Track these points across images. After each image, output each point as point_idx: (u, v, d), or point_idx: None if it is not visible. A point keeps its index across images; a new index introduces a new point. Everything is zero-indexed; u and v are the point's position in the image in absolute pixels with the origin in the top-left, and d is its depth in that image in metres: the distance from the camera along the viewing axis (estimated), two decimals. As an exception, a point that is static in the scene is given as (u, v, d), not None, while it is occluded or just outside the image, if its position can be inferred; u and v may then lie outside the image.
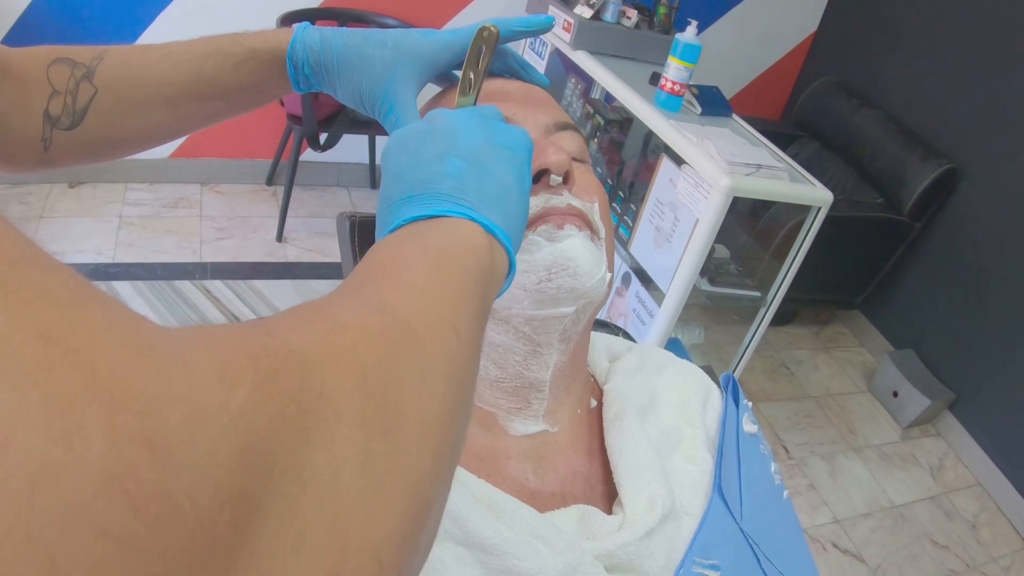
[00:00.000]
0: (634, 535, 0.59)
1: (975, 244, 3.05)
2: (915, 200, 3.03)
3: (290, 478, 0.25)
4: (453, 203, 0.46)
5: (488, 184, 0.48)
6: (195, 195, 3.25)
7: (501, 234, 0.46)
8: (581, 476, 0.67)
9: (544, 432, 0.68)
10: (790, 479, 2.67)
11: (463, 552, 0.55)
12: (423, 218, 0.45)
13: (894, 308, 3.45)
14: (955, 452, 3.05)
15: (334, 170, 3.55)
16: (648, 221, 2.20)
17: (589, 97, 2.76)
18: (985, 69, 3.06)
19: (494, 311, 0.62)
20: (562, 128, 0.70)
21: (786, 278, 2.17)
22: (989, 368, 2.96)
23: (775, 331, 3.43)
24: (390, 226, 0.45)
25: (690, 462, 0.71)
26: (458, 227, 0.45)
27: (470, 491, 0.58)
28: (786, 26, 3.97)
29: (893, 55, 3.52)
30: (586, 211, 0.64)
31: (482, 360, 0.65)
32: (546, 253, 0.60)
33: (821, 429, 2.97)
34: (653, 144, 2.34)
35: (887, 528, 2.60)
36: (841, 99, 3.54)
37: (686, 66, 2.18)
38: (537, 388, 0.66)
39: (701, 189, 1.94)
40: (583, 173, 0.68)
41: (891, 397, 3.15)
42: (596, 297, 0.63)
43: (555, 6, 2.77)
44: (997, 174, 2.98)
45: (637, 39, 2.71)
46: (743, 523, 0.68)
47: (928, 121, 3.26)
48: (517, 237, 0.49)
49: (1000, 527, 2.76)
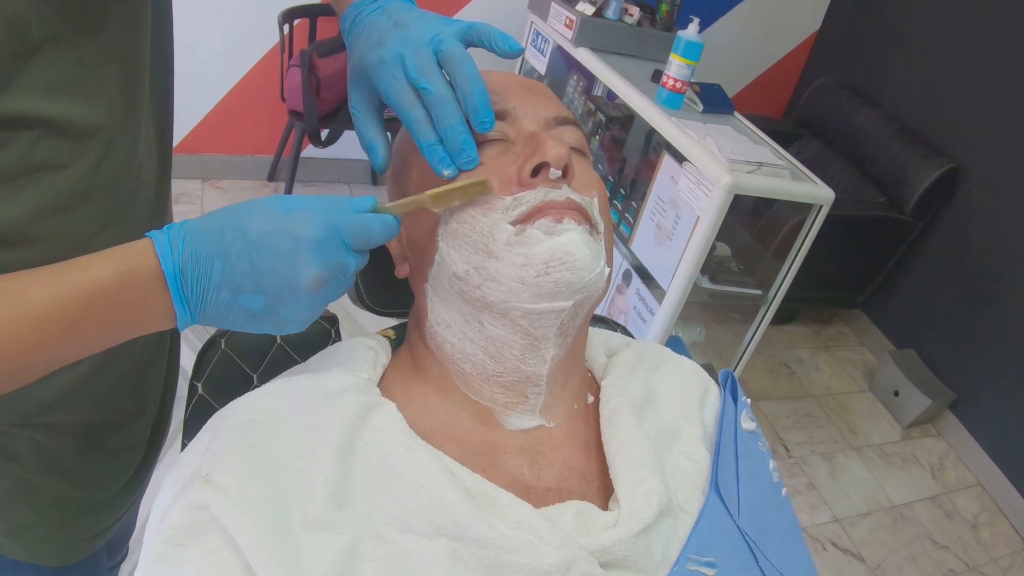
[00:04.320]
0: (630, 531, 0.59)
1: (977, 243, 3.05)
2: (917, 199, 3.03)
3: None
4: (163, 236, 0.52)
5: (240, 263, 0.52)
6: (196, 191, 3.25)
7: (172, 277, 0.51)
8: (577, 472, 0.67)
9: (541, 427, 0.68)
10: (790, 478, 2.67)
11: (458, 547, 0.55)
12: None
13: (895, 307, 3.45)
14: (956, 452, 3.04)
15: (336, 166, 3.54)
16: (649, 218, 2.20)
17: (591, 94, 2.76)
18: (987, 68, 3.06)
19: (492, 305, 0.62)
20: (563, 122, 0.70)
21: (787, 277, 2.17)
22: (990, 368, 2.95)
23: (776, 330, 3.42)
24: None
25: (687, 459, 0.71)
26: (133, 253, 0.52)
27: (465, 485, 0.58)
28: (788, 24, 3.96)
29: (896, 54, 3.51)
30: (585, 205, 0.64)
31: (479, 354, 0.65)
32: (544, 247, 0.59)
33: (821, 428, 2.96)
34: (655, 141, 2.33)
35: (887, 528, 2.60)
36: (843, 98, 3.54)
37: (688, 63, 2.17)
38: (534, 383, 0.66)
39: (702, 187, 1.94)
40: (583, 168, 0.68)
41: (892, 396, 3.14)
42: (594, 292, 0.63)
43: (557, 3, 2.76)
44: (999, 174, 2.97)
45: (639, 36, 2.71)
46: (740, 520, 0.68)
47: (930, 120, 3.26)
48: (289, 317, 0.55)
49: (1000, 527, 2.75)
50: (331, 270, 0.54)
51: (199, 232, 0.53)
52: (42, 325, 0.49)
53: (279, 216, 0.53)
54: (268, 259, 0.52)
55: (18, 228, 0.59)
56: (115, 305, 0.52)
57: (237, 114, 3.21)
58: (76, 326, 0.51)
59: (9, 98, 0.53)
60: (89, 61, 0.59)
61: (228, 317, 0.55)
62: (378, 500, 0.57)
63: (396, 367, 0.72)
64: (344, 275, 0.56)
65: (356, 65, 0.66)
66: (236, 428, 0.58)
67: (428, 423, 0.65)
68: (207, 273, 0.52)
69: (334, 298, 0.57)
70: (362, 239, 0.56)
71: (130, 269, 0.51)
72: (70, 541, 0.85)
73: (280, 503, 0.55)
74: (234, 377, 0.79)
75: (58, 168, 0.59)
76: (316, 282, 0.54)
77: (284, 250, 0.52)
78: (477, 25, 0.65)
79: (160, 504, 0.57)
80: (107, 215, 0.67)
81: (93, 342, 0.54)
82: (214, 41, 2.98)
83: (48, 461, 0.78)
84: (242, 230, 0.53)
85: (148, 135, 0.73)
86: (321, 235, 0.53)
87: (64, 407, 0.75)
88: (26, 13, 0.52)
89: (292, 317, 0.56)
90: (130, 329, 0.54)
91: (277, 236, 0.52)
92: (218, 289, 0.53)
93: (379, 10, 0.67)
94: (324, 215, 0.54)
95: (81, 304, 0.50)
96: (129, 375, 0.83)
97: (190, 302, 0.53)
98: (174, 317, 0.54)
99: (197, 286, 0.52)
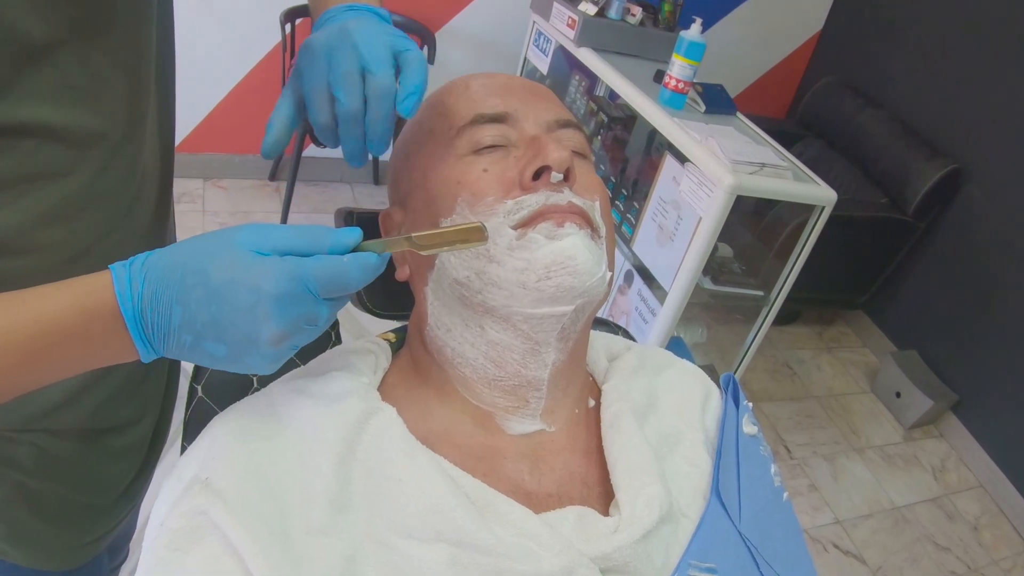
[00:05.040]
0: (631, 537, 0.58)
1: (979, 244, 3.04)
2: (919, 200, 3.02)
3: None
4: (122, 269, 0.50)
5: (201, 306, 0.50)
6: (198, 190, 3.24)
7: (129, 311, 0.49)
8: (578, 477, 0.66)
9: (541, 432, 0.67)
10: (792, 479, 2.66)
11: (458, 553, 0.54)
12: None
13: (897, 308, 3.44)
14: (957, 454, 3.04)
15: (337, 165, 3.54)
16: (651, 219, 2.19)
17: (593, 94, 2.75)
18: (990, 69, 3.05)
19: (493, 309, 0.62)
20: (564, 125, 0.70)
21: (789, 277, 2.16)
22: (993, 369, 2.94)
23: (778, 330, 3.42)
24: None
25: (689, 464, 0.70)
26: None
27: (465, 491, 0.58)
28: (791, 25, 3.95)
29: (898, 54, 3.50)
30: (587, 209, 0.63)
31: (479, 358, 0.65)
32: (546, 251, 0.59)
33: (823, 429, 2.96)
34: (657, 142, 2.33)
35: (888, 529, 2.59)
36: (846, 98, 3.53)
37: (690, 64, 2.17)
38: (535, 387, 0.66)
39: (704, 187, 1.93)
40: (585, 171, 0.68)
41: (894, 398, 3.14)
42: (596, 296, 0.62)
43: (559, 2, 2.76)
44: (1002, 174, 2.96)
45: (641, 36, 2.70)
46: (741, 525, 0.67)
47: (933, 121, 3.25)
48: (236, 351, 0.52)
49: (1002, 529, 2.75)
50: (295, 324, 0.51)
51: (160, 271, 0.50)
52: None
53: (243, 264, 0.50)
54: (228, 312, 0.49)
55: (18, 236, 0.58)
56: (75, 340, 0.50)
57: (239, 113, 3.20)
58: (33, 359, 0.49)
59: (9, 105, 0.52)
60: (94, 66, 0.58)
61: (192, 357, 0.53)
62: (378, 505, 0.57)
63: (396, 371, 0.72)
64: (313, 325, 0.53)
65: (299, 52, 0.65)
66: (235, 432, 0.58)
67: (428, 427, 0.65)
68: (167, 317, 0.50)
69: (304, 343, 0.54)
70: (336, 287, 0.52)
71: (92, 307, 0.49)
72: (71, 546, 0.85)
73: (279, 508, 0.54)
74: (234, 380, 0.78)
75: (59, 176, 0.59)
76: (277, 338, 0.51)
77: (244, 305, 0.49)
78: (413, 55, 0.62)
79: (159, 508, 0.57)
80: (108, 223, 0.66)
81: (52, 374, 0.52)
82: (216, 40, 2.98)
83: (49, 466, 0.77)
84: (204, 276, 0.49)
85: (151, 142, 0.72)
86: (283, 289, 0.50)
87: (65, 412, 0.75)
88: (27, 18, 0.51)
89: (257, 365, 0.53)
90: (92, 362, 0.52)
91: (238, 289, 0.49)
92: (179, 332, 0.50)
93: (352, 14, 0.65)
94: (291, 266, 0.50)
95: (41, 338, 0.48)
96: (129, 380, 0.83)
97: (152, 342, 0.51)
98: (136, 352, 0.52)
99: (158, 329, 0.50)
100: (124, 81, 0.62)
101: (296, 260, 0.51)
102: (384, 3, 0.71)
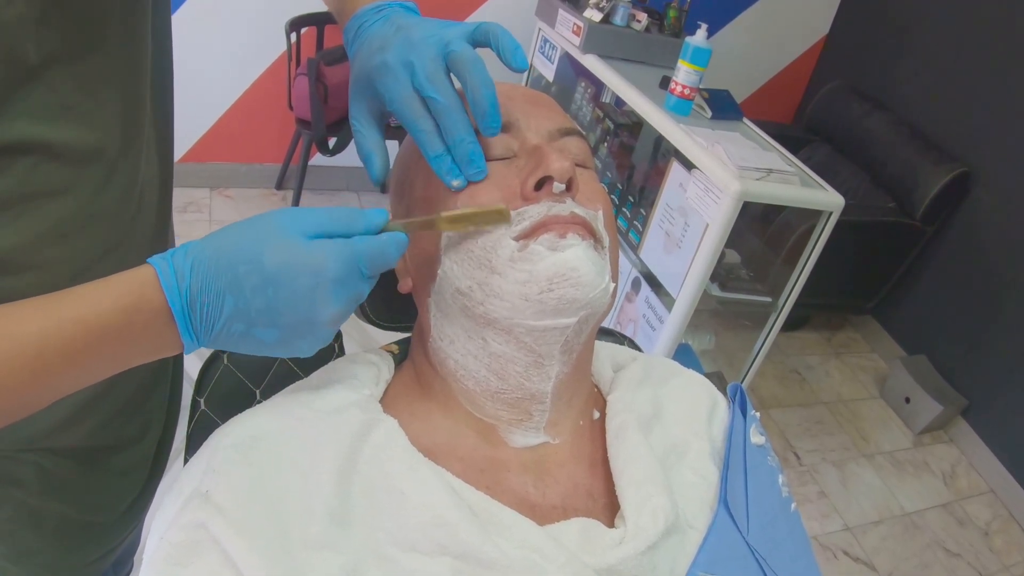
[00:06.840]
0: (636, 549, 0.58)
1: (988, 249, 3.02)
2: (927, 204, 3.01)
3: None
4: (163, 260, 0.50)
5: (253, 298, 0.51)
6: (204, 199, 3.25)
7: (177, 300, 0.49)
8: (583, 489, 0.66)
9: (545, 444, 0.67)
10: (801, 486, 2.65)
11: (461, 566, 0.54)
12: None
13: (906, 313, 3.42)
14: (968, 459, 3.02)
15: (344, 174, 3.55)
16: (658, 226, 2.19)
17: (599, 101, 2.75)
18: (997, 73, 3.04)
19: (495, 321, 0.61)
20: (567, 134, 0.69)
21: (797, 283, 2.15)
22: (1002, 374, 2.92)
23: (786, 336, 3.40)
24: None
25: (696, 474, 0.70)
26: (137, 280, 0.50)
27: (468, 503, 0.57)
28: (797, 30, 3.95)
29: (905, 59, 3.49)
30: (590, 219, 0.63)
31: (482, 371, 0.64)
32: (548, 263, 0.58)
33: (832, 435, 2.94)
34: (663, 148, 2.33)
35: (898, 536, 2.57)
36: (853, 103, 3.52)
37: (696, 70, 2.16)
38: (538, 400, 0.65)
39: (711, 194, 1.93)
40: (587, 180, 0.67)
41: (903, 403, 3.12)
42: (599, 308, 0.62)
43: (565, 9, 2.76)
44: (1010, 178, 2.95)
45: (647, 43, 2.70)
46: (749, 536, 0.67)
47: (940, 125, 3.24)
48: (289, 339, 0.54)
49: (1013, 535, 2.73)
50: (350, 303, 0.54)
51: (208, 262, 0.50)
52: (39, 360, 0.48)
53: (298, 247, 0.51)
54: (287, 297, 0.51)
55: (19, 255, 0.58)
56: (118, 339, 0.50)
57: (245, 123, 3.22)
58: (75, 360, 0.49)
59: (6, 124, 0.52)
60: (89, 83, 0.58)
61: (239, 346, 0.54)
62: (380, 518, 0.56)
63: (399, 383, 0.71)
64: (358, 303, 0.55)
65: (358, 73, 0.65)
66: (236, 446, 0.58)
67: (431, 440, 0.64)
68: (218, 308, 0.50)
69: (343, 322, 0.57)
70: (379, 264, 0.55)
71: (134, 304, 0.49)
72: (76, 565, 0.85)
73: (280, 521, 0.54)
74: (237, 393, 0.78)
75: (57, 194, 0.58)
76: (335, 318, 0.53)
77: (304, 288, 0.51)
78: (486, 25, 0.63)
79: (160, 522, 0.57)
80: (109, 240, 0.66)
81: (93, 374, 0.52)
82: (221, 50, 2.99)
83: (52, 485, 0.77)
84: (258, 262, 0.50)
85: (149, 157, 0.72)
86: (344, 271, 0.52)
87: (67, 431, 0.74)
88: (22, 36, 0.51)
89: (306, 347, 0.55)
90: (133, 359, 0.53)
91: (297, 272, 0.50)
92: (230, 321, 0.51)
93: (382, 20, 0.66)
94: (345, 247, 0.52)
95: (81, 338, 0.48)
96: (132, 398, 0.82)
97: (198, 333, 0.52)
98: (181, 345, 0.52)
99: (206, 320, 0.51)
100: (119, 98, 0.62)
101: (344, 241, 0.53)
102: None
